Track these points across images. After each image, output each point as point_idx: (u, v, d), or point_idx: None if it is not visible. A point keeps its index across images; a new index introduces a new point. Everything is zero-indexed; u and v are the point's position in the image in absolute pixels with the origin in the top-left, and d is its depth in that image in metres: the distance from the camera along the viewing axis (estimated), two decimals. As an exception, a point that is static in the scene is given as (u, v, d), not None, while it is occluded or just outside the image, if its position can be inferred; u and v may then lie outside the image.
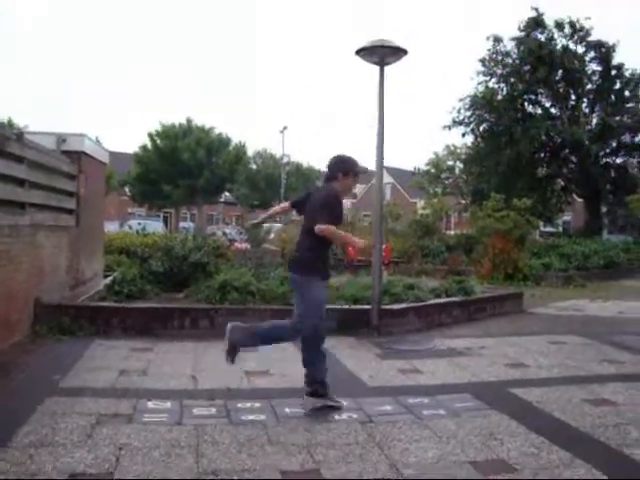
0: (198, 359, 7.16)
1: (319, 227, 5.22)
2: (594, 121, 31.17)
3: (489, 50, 31.58)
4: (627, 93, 31.03)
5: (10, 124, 37.92)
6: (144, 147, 48.08)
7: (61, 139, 9.47)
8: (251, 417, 5.11)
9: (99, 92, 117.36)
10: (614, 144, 30.77)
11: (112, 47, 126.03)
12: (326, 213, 5.30)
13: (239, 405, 5.39)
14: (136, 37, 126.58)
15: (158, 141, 47.42)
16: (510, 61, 31.22)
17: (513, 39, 31.00)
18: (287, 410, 5.31)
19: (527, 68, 30.24)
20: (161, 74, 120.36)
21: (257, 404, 5.44)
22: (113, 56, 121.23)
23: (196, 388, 5.98)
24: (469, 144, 35.14)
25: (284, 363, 6.91)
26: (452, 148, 46.66)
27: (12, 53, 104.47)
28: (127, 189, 53.24)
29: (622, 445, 4.59)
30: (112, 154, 13.92)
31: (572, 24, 30.51)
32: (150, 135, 47.82)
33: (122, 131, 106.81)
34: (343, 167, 5.56)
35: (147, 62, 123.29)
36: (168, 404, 5.36)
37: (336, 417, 5.18)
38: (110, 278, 10.94)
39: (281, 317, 8.63)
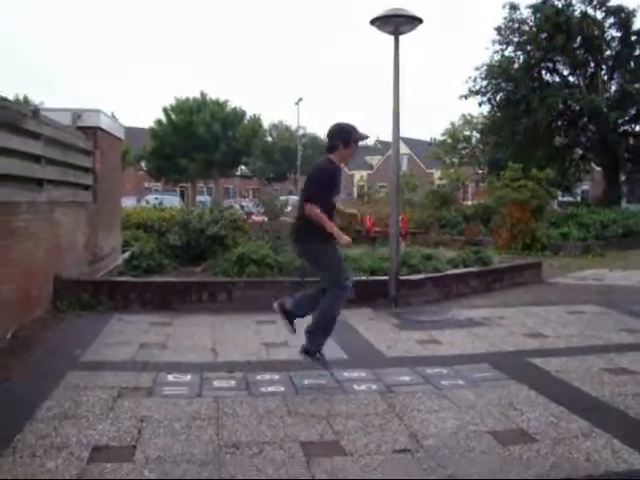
0: (217, 332, 7.21)
1: (307, 209, 5.29)
2: (613, 88, 30.71)
3: (505, 18, 31.10)
4: (647, 59, 30.50)
5: (26, 101, 38.09)
6: (159, 122, 48.12)
7: (77, 115, 9.47)
8: (270, 389, 5.15)
9: (115, 67, 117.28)
10: (633, 112, 30.31)
11: (127, 21, 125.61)
12: (311, 188, 5.43)
13: (258, 377, 5.43)
14: (151, 11, 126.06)
15: (173, 116, 47.46)
16: (527, 29, 30.74)
17: (530, 6, 30.52)
18: (306, 381, 5.35)
19: (544, 36, 29.75)
20: (176, 48, 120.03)
21: (276, 376, 5.48)
22: (128, 30, 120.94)
23: (215, 361, 6.03)
24: (485, 113, 34.80)
25: (303, 335, 6.94)
26: (468, 118, 46.31)
27: (29, 29, 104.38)
28: (143, 164, 53.38)
29: (642, 414, 4.59)
30: (128, 129, 13.92)
31: (591, -12, 29.97)
32: (165, 110, 47.85)
33: (137, 106, 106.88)
34: (343, 136, 5.50)
35: (161, 36, 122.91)
36: (188, 377, 5.40)
37: (355, 387, 5.20)
38: (128, 253, 10.99)
39: (299, 289, 8.71)
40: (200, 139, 45.43)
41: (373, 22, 8.75)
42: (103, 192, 10.22)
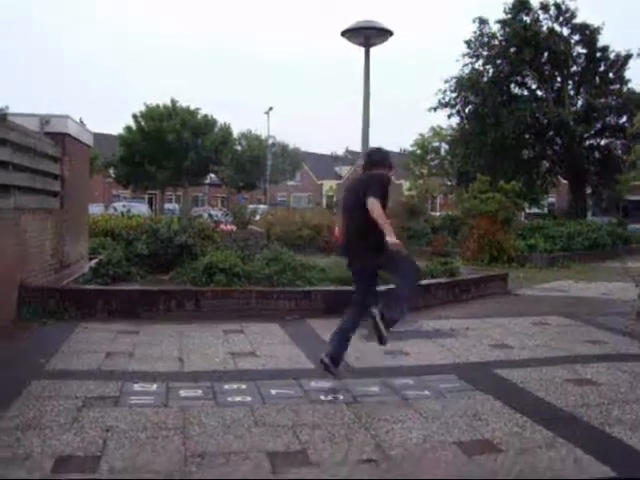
0: (184, 341, 7.16)
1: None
2: (579, 103, 31.25)
3: (475, 32, 31.52)
4: (611, 75, 31.10)
5: (-8, 105, 37.50)
6: (128, 128, 47.75)
7: (44, 120, 9.38)
8: (237, 398, 5.12)
9: (82, 73, 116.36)
10: (599, 125, 30.87)
11: (94, 27, 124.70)
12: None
13: (225, 387, 5.41)
14: (119, 16, 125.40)
15: (142, 122, 47.10)
16: (496, 43, 31.18)
17: (499, 21, 30.96)
18: (273, 391, 5.33)
19: (513, 50, 30.23)
20: (146, 54, 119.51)
21: (243, 385, 5.46)
22: (95, 37, 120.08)
23: (182, 370, 5.99)
24: (454, 126, 35.15)
25: (271, 345, 6.95)
26: (438, 129, 46.65)
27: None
28: (112, 171, 52.92)
29: (604, 424, 4.65)
30: (96, 135, 13.82)
31: (557, 6, 30.49)
32: (134, 116, 47.49)
33: (107, 112, 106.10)
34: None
35: (130, 41, 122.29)
36: (154, 386, 5.36)
37: (322, 398, 5.21)
38: (95, 261, 10.90)
39: (267, 298, 8.71)
40: (170, 147, 45.17)
41: (344, 34, 8.82)
42: (71, 199, 10.12)
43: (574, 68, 31.25)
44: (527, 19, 30.59)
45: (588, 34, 30.40)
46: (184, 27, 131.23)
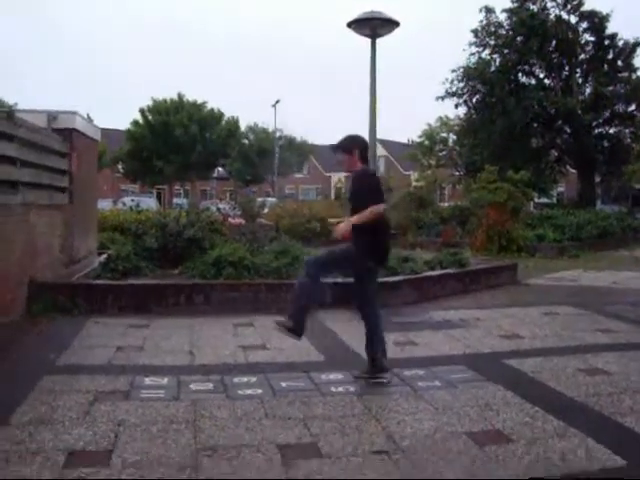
0: (194, 335, 7.18)
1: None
2: (587, 91, 31.07)
3: (481, 21, 31.39)
4: (620, 63, 30.91)
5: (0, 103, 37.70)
6: (136, 123, 47.83)
7: (52, 117, 9.38)
8: (248, 391, 5.13)
9: (90, 67, 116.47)
10: (607, 114, 30.70)
11: (101, 20, 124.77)
12: None
13: (236, 380, 5.42)
14: (125, 10, 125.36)
15: (150, 117, 47.18)
16: (503, 32, 31.05)
17: (505, 10, 30.82)
18: (283, 384, 5.34)
19: (520, 39, 30.09)
20: (153, 49, 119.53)
21: (254, 378, 5.47)
22: (102, 30, 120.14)
23: (193, 363, 6.01)
24: (462, 116, 35.03)
25: (281, 338, 6.93)
26: (445, 119, 46.49)
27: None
28: (120, 166, 53.05)
29: (615, 414, 4.64)
30: (104, 131, 13.81)
31: (565, -7, 30.32)
32: (141, 111, 47.57)
33: (114, 107, 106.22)
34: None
35: (136, 36, 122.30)
36: (165, 380, 5.38)
37: (332, 389, 5.21)
38: (105, 255, 10.91)
39: (276, 291, 8.71)
40: (177, 141, 45.26)
41: (350, 25, 8.80)
42: (79, 194, 10.13)
43: (582, 56, 31.08)
44: (534, 7, 30.44)
45: (596, 22, 30.21)
46: (190, 20, 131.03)
